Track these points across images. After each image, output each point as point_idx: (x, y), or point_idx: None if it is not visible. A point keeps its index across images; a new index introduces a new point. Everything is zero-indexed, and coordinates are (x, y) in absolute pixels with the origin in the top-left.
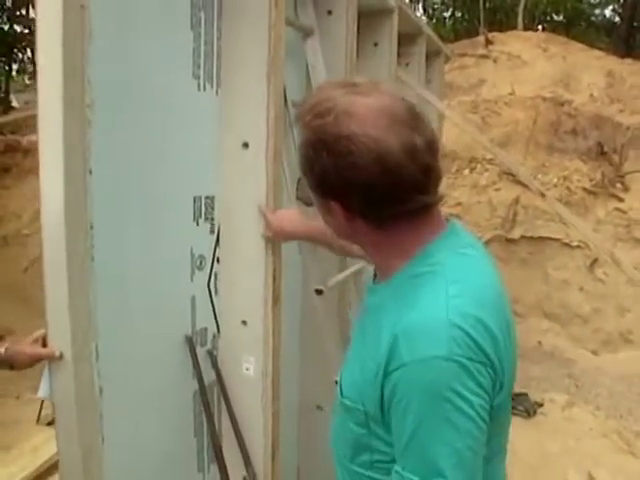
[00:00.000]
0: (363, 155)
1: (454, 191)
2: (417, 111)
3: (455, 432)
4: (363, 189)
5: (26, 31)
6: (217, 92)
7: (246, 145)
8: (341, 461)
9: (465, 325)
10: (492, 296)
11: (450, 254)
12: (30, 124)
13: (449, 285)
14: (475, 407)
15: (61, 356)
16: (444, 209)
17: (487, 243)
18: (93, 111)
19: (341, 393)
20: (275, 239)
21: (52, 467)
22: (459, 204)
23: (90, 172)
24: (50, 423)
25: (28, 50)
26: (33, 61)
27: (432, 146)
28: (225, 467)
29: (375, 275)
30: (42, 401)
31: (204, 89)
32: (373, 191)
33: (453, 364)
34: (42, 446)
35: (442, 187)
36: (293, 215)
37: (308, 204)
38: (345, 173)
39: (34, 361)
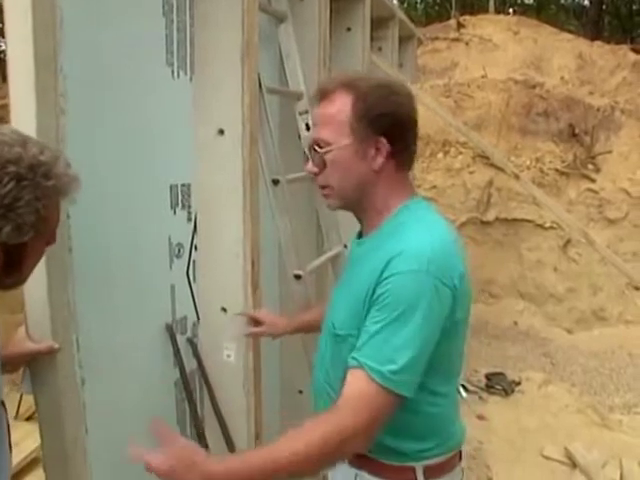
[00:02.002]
0: (410, 99)
1: (428, 175)
2: None
3: (417, 334)
4: (404, 123)
5: None
6: (191, 79)
7: (222, 132)
8: (332, 397)
9: (442, 253)
10: (456, 244)
11: (424, 210)
12: None
13: (429, 228)
14: (436, 317)
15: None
16: (419, 192)
17: (462, 226)
18: (66, 100)
19: (334, 327)
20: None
21: (33, 462)
22: (434, 187)
23: None
24: (29, 418)
25: None
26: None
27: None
28: None
29: (359, 235)
30: (21, 396)
31: (178, 76)
32: (412, 129)
33: (431, 279)
34: (22, 441)
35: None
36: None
37: (316, 174)
38: (404, 109)
39: (31, 359)
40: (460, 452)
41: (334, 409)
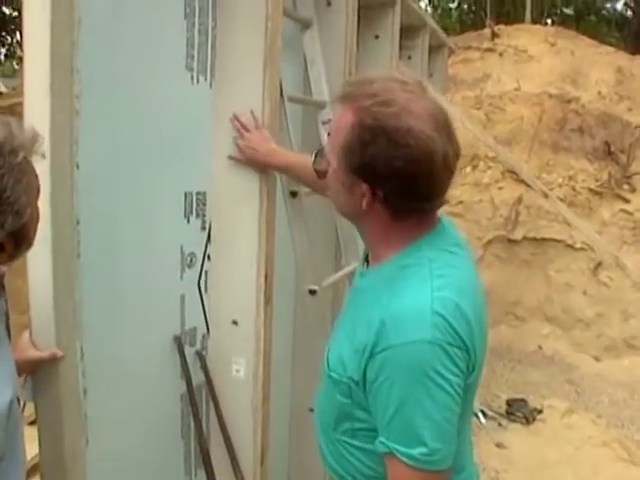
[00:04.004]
0: (418, 149)
1: (455, 189)
2: (452, 122)
3: (435, 407)
4: (404, 181)
5: (15, 14)
6: (211, 85)
7: None
8: (326, 431)
9: (446, 314)
10: (470, 289)
11: (437, 250)
12: (18, 111)
13: (434, 278)
14: (453, 385)
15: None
16: (445, 207)
17: (488, 243)
18: (81, 102)
19: (328, 366)
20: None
21: (32, 469)
22: (460, 202)
23: (77, 166)
24: (32, 422)
25: (17, 34)
26: (22, 45)
27: (457, 157)
28: (212, 472)
29: (366, 259)
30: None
31: (197, 81)
32: (412, 185)
33: (435, 347)
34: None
35: None
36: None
37: (320, 177)
38: (396, 163)
39: (35, 367)
40: None
41: None
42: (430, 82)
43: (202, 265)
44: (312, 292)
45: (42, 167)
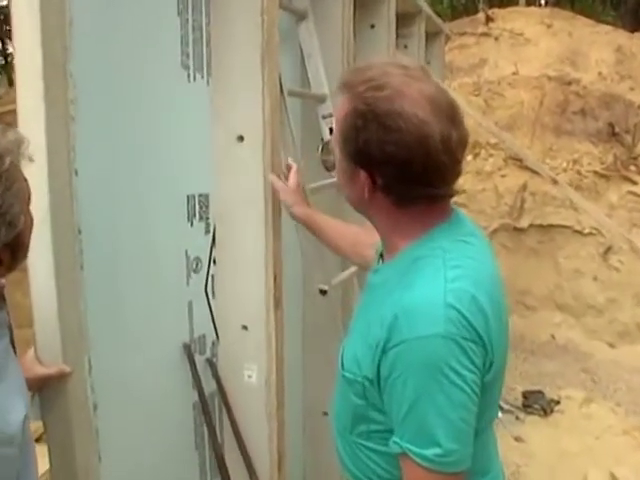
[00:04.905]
0: (410, 133)
1: None
2: (457, 107)
3: (450, 405)
4: (399, 166)
5: None
6: (208, 82)
7: (241, 138)
8: (341, 433)
9: (461, 307)
10: (487, 281)
11: (451, 240)
12: (5, 120)
13: (448, 269)
14: (468, 382)
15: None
16: None
17: (494, 232)
18: (77, 107)
19: (342, 366)
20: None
21: None
22: (463, 192)
23: (76, 173)
24: (37, 440)
25: None
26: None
27: (463, 142)
28: None
29: (381, 256)
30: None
31: (194, 79)
32: (407, 170)
33: (449, 342)
34: None
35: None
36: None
37: (329, 169)
38: (388, 148)
39: (42, 384)
40: None
41: None
42: None
43: (208, 270)
44: (323, 292)
45: (40, 175)
